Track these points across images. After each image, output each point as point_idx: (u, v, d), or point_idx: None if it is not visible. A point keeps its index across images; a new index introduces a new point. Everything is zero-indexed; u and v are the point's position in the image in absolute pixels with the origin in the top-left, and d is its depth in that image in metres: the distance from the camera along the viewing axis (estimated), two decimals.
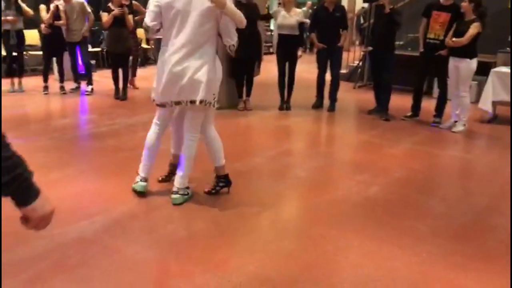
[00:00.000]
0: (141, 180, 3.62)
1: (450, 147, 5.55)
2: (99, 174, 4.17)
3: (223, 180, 3.73)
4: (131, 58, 8.00)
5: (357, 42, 13.20)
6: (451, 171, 4.85)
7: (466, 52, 5.71)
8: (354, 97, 8.52)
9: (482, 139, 5.99)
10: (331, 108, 7.12)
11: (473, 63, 5.79)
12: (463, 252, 3.02)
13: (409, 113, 6.64)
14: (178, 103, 3.43)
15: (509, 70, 6.53)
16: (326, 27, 6.83)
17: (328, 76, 7.11)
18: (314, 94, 7.25)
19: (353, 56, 10.38)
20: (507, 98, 6.40)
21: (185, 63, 3.29)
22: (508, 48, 8.08)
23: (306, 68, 9.43)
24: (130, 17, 7.34)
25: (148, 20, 3.36)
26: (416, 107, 6.61)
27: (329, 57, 6.97)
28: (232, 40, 3.39)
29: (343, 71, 9.68)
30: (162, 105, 3.54)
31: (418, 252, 2.98)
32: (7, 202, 1.25)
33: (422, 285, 2.63)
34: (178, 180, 3.54)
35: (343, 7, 7.39)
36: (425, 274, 2.74)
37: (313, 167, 4.65)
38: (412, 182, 4.27)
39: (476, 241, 3.19)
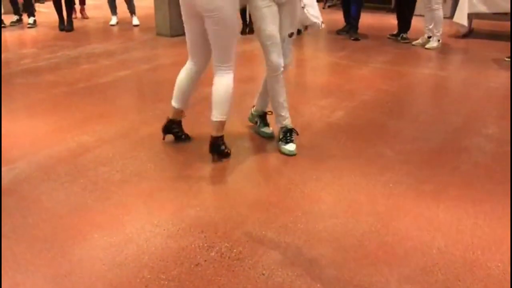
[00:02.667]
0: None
1: (423, 64, 5.14)
2: (28, 113, 3.67)
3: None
4: None
5: None
6: (424, 90, 4.47)
7: None
8: (323, 18, 7.90)
9: (457, 55, 5.59)
10: (298, 31, 6.57)
11: None
12: (435, 179, 2.68)
13: (396, 31, 6.10)
14: None
15: None
16: None
17: None
18: None
19: None
20: (483, 10, 5.94)
21: None
22: None
23: None
24: None
25: None
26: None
27: None
28: None
29: None
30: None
31: (384, 182, 2.63)
32: None
33: (388, 220, 2.29)
34: None
35: None
36: (392, 207, 2.40)
37: None
38: (381, 104, 3.88)
39: (449, 165, 2.85)
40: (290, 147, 2.94)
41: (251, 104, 3.34)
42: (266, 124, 3.24)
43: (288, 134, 2.98)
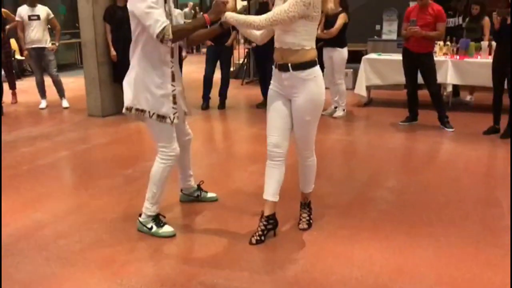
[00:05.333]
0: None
1: (333, 131, 5.93)
2: None
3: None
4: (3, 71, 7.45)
5: (242, 41, 13.51)
6: (335, 153, 5.20)
7: (337, 42, 6.15)
8: (242, 93, 8.72)
9: (360, 121, 6.47)
10: (222, 106, 7.23)
11: (344, 52, 6.25)
12: (349, 225, 3.27)
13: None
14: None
15: (377, 56, 7.13)
16: None
17: (217, 75, 7.19)
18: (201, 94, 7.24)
19: (238, 53, 10.60)
20: (378, 82, 6.99)
21: None
22: (376, 36, 8.81)
23: (195, 68, 9.47)
24: None
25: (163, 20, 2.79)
26: None
27: (218, 57, 7.06)
28: None
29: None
30: None
31: (309, 231, 3.17)
32: None
33: (315, 260, 2.81)
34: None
35: None
36: (318, 250, 2.94)
37: (208, 164, 4.71)
38: None
39: (360, 213, 3.47)
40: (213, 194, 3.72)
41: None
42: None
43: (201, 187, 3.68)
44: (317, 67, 2.91)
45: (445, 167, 4.54)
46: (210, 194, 3.71)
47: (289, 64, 2.85)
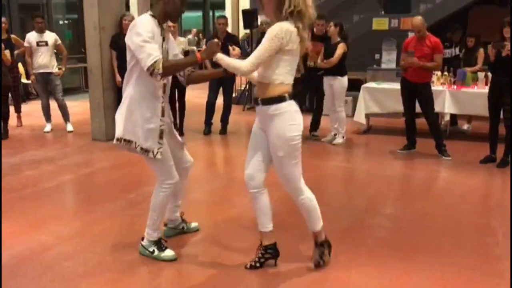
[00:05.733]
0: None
1: (332, 158, 6.03)
2: None
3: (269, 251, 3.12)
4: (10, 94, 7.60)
5: None
6: (334, 179, 5.29)
7: (337, 70, 6.31)
8: (244, 119, 8.84)
9: (359, 149, 6.58)
10: (223, 131, 7.36)
11: (344, 80, 6.40)
12: (347, 251, 3.34)
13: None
14: None
15: (376, 85, 7.29)
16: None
17: (219, 100, 7.33)
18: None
19: (239, 80, 10.77)
20: (377, 110, 7.13)
21: None
22: (375, 65, 9.01)
23: (198, 94, 9.61)
24: (7, 52, 7.00)
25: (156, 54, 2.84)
26: None
27: (221, 84, 7.18)
28: None
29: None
30: None
31: (308, 257, 3.23)
32: None
33: (314, 286, 2.88)
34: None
35: (234, 35, 7.70)
36: (315, 276, 3.00)
37: (209, 189, 4.80)
38: None
39: (358, 240, 3.54)
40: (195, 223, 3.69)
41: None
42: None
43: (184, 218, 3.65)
44: (286, 103, 2.85)
45: (442, 195, 4.62)
46: (193, 224, 3.70)
47: (259, 99, 2.89)
